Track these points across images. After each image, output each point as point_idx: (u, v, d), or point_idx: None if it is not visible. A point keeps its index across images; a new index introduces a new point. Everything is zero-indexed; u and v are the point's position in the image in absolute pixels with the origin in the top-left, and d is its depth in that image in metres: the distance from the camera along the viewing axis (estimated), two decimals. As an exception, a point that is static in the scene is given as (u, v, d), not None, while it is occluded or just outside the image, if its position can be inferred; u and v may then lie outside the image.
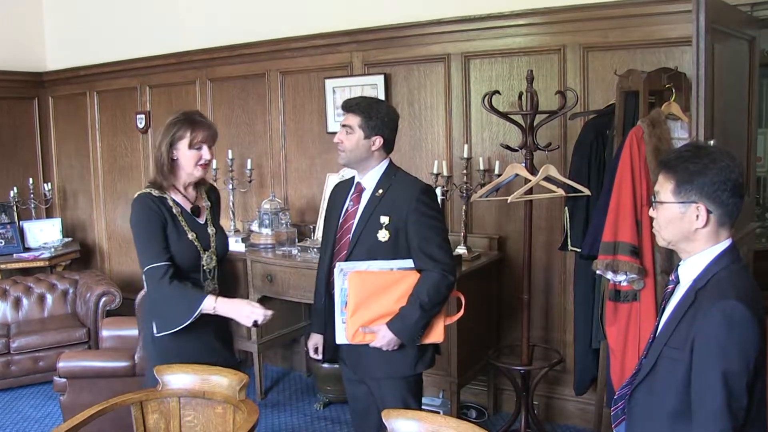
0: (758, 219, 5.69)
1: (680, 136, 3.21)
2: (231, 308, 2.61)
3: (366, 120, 2.69)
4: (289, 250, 4.46)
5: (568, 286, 4.02)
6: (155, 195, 2.66)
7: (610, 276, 3.08)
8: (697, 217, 1.80)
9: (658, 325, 1.96)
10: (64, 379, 3.94)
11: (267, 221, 4.66)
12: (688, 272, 1.88)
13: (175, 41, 5.57)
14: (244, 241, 4.62)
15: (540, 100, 3.60)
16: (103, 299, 5.04)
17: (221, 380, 2.60)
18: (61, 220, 6.38)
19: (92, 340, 4.98)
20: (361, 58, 4.72)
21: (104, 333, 4.31)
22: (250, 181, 5.11)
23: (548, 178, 3.47)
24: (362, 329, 2.63)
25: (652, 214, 1.93)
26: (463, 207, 4.15)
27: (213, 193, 2.91)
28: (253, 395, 4.55)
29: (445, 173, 4.18)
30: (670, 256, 3.20)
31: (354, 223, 2.73)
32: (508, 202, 3.49)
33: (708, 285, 1.79)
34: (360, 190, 2.78)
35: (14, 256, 5.81)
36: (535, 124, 3.59)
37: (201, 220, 2.77)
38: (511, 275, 4.24)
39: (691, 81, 2.82)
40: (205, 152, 2.68)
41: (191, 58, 5.50)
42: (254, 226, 4.71)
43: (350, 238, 2.71)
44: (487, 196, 3.70)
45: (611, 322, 3.15)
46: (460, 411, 4.04)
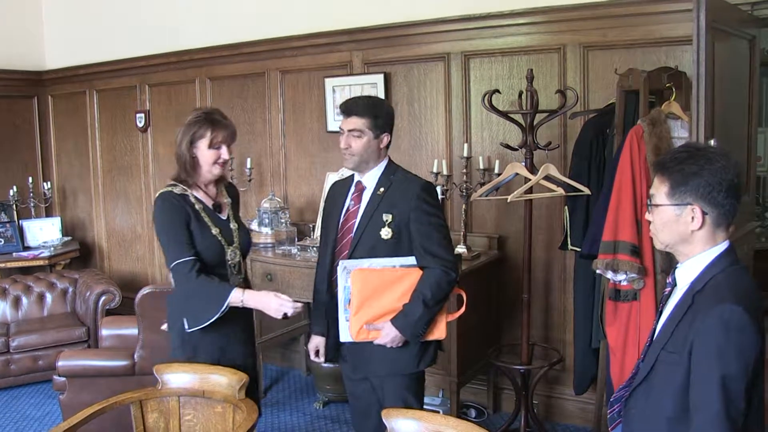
0: (758, 218, 5.68)
1: (680, 135, 3.21)
2: (259, 301, 2.60)
3: (374, 120, 2.69)
4: (289, 249, 4.46)
5: (568, 285, 4.02)
6: (177, 193, 2.68)
7: (610, 275, 3.08)
8: (693, 218, 1.79)
9: (655, 328, 1.95)
10: (64, 378, 3.93)
11: (266, 220, 4.66)
12: (686, 275, 1.87)
13: (174, 40, 5.56)
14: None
15: (540, 99, 3.60)
16: (103, 298, 5.04)
17: (221, 379, 2.60)
18: (61, 219, 6.39)
19: (92, 339, 4.98)
20: (361, 58, 4.71)
21: (104, 332, 4.31)
22: (249, 180, 5.11)
23: (548, 178, 3.46)
24: (366, 327, 2.63)
25: (648, 217, 1.92)
26: (463, 206, 4.14)
27: (232, 190, 2.94)
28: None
29: (445, 172, 4.17)
30: (671, 256, 3.19)
31: (356, 222, 2.72)
32: (508, 201, 3.49)
33: (706, 288, 1.78)
34: (361, 189, 2.77)
35: (14, 255, 5.81)
36: (535, 123, 3.59)
37: (223, 216, 2.79)
38: (511, 274, 4.24)
39: (692, 80, 2.81)
40: (224, 152, 2.71)
41: (191, 56, 5.49)
42: (254, 225, 4.70)
43: (352, 236, 2.71)
44: (486, 196, 3.70)
45: (611, 321, 3.15)
46: (460, 410, 4.03)
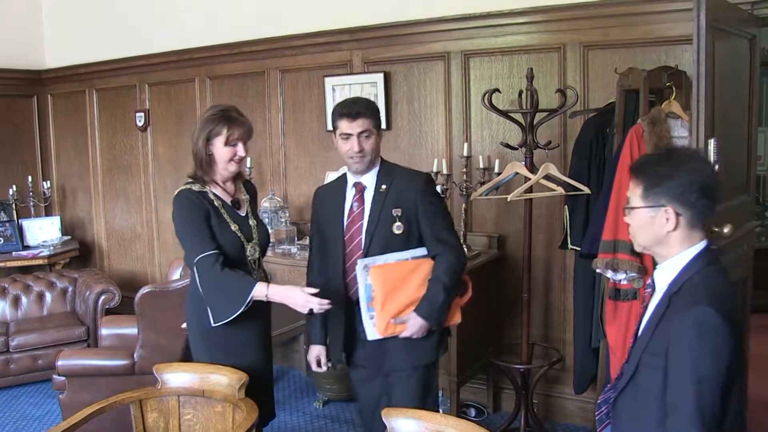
0: (758, 218, 5.69)
1: (680, 134, 3.21)
2: (284, 295, 2.57)
3: (377, 120, 2.73)
4: (289, 248, 4.45)
5: (568, 284, 4.02)
6: (196, 190, 2.68)
7: (610, 274, 3.07)
8: (667, 220, 1.81)
9: (638, 330, 1.97)
10: (63, 378, 3.93)
11: (266, 219, 4.65)
12: (663, 277, 1.89)
13: (174, 39, 5.55)
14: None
15: (540, 98, 3.59)
16: (102, 297, 5.04)
17: (220, 379, 2.60)
18: (60, 218, 6.38)
19: (91, 339, 4.98)
20: (360, 57, 4.71)
21: (103, 331, 4.31)
22: (249, 179, 5.10)
23: (548, 177, 3.46)
24: (393, 321, 2.66)
25: (626, 220, 1.94)
26: (463, 205, 4.14)
27: (249, 187, 2.95)
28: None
29: (445, 171, 4.17)
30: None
31: (364, 222, 2.72)
32: (508, 200, 3.49)
33: (682, 290, 1.80)
34: (361, 189, 2.77)
35: (13, 254, 5.80)
36: (535, 122, 3.59)
37: (242, 213, 2.80)
38: (511, 274, 4.24)
39: (692, 79, 2.81)
40: (240, 149, 2.70)
41: (191, 56, 5.49)
42: (253, 225, 4.69)
43: (363, 237, 2.71)
44: (486, 195, 3.70)
45: (611, 320, 3.15)
46: (460, 409, 4.03)
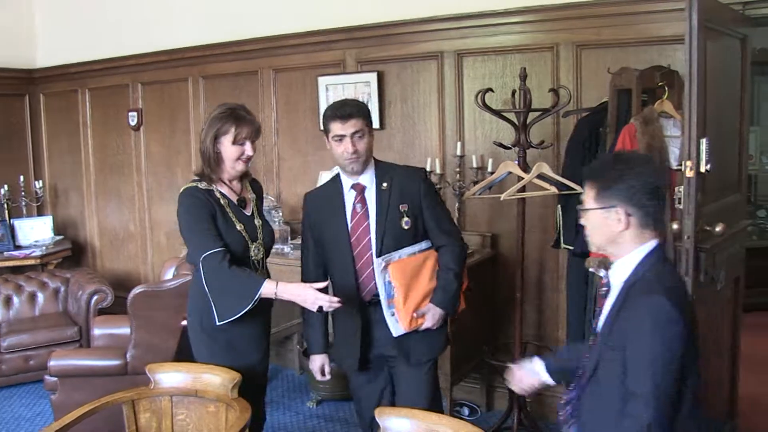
0: (750, 217, 5.71)
1: (673, 133, 3.22)
2: (294, 292, 2.55)
3: (368, 119, 2.73)
4: (281, 248, 4.45)
5: (561, 283, 4.02)
6: (202, 188, 2.67)
7: (602, 273, 3.07)
8: (619, 220, 1.90)
9: (595, 329, 2.04)
10: (55, 378, 3.92)
11: (260, 219, 4.64)
12: (619, 274, 1.97)
13: (167, 38, 5.54)
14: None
15: (533, 97, 3.60)
16: (95, 297, 5.02)
17: (213, 378, 2.59)
18: (53, 217, 6.35)
19: (84, 339, 4.96)
20: (354, 56, 4.71)
21: (96, 331, 4.29)
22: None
23: (541, 176, 3.47)
24: (415, 314, 2.70)
25: (581, 222, 2.03)
26: (456, 204, 4.14)
27: (255, 186, 2.94)
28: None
29: (438, 171, 4.18)
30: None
31: (371, 222, 2.73)
32: (501, 199, 3.49)
33: (637, 284, 1.89)
34: (361, 189, 2.77)
35: (5, 254, 5.77)
36: (528, 121, 3.59)
37: (247, 212, 2.78)
38: (504, 273, 4.24)
39: (684, 79, 2.82)
40: (248, 148, 2.69)
41: (184, 55, 5.48)
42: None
43: (373, 236, 2.72)
44: (480, 194, 3.70)
45: (604, 319, 3.15)
46: (453, 408, 4.04)
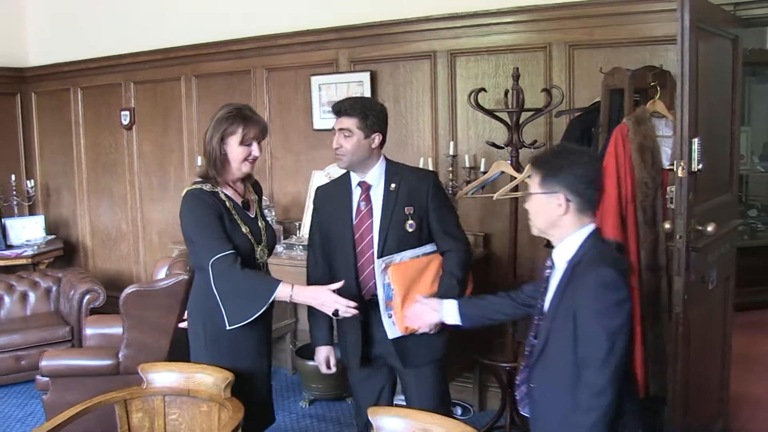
0: (741, 216, 5.74)
1: (665, 133, 3.23)
2: (311, 295, 2.54)
3: (363, 120, 2.69)
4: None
5: (554, 283, 4.03)
6: (207, 190, 2.61)
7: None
8: (559, 205, 2.05)
9: (542, 308, 2.16)
10: (47, 378, 3.90)
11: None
12: (562, 255, 2.10)
13: (160, 37, 5.52)
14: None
15: (526, 97, 3.61)
16: (87, 297, 5.00)
17: (206, 378, 2.59)
18: (44, 217, 6.32)
19: (75, 339, 4.94)
20: (347, 55, 4.71)
21: (88, 331, 4.28)
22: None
23: (534, 176, 3.47)
24: None
25: (525, 206, 2.18)
26: (449, 204, 4.14)
27: (256, 187, 2.89)
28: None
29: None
30: (654, 253, 3.22)
31: (374, 221, 2.74)
32: (494, 199, 3.49)
33: (582, 261, 2.03)
34: (367, 188, 2.77)
35: (-4, 253, 5.75)
36: (521, 121, 3.60)
37: (251, 214, 2.74)
38: (497, 272, 4.25)
39: (676, 79, 2.83)
40: (255, 149, 2.64)
41: (176, 54, 5.46)
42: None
43: (374, 235, 2.72)
44: (472, 194, 3.71)
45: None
46: (446, 408, 4.04)
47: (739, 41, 3.38)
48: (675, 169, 2.77)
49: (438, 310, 2.51)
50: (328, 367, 2.92)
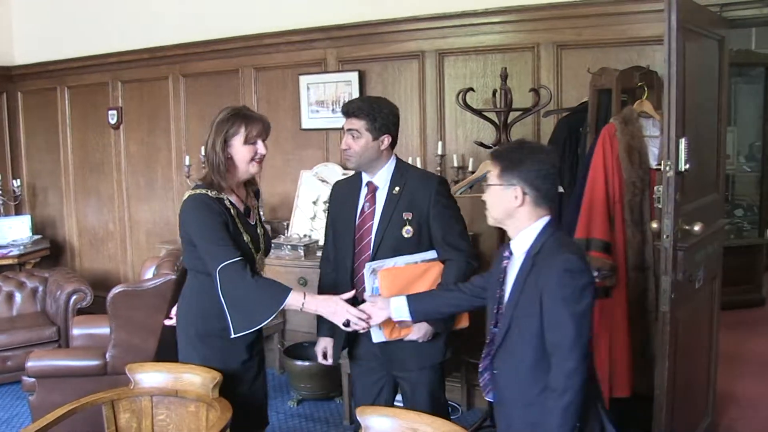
0: (728, 216, 5.78)
1: (652, 133, 3.25)
2: (323, 305, 2.51)
3: (371, 122, 2.67)
4: (263, 247, 4.43)
5: (542, 282, 4.04)
6: (212, 196, 2.52)
7: (594, 274, 3.10)
8: (516, 197, 2.13)
9: (501, 297, 2.23)
10: (33, 379, 3.87)
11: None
12: (521, 245, 2.18)
13: (147, 36, 5.50)
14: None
15: (514, 97, 3.62)
16: (74, 297, 4.96)
17: (194, 378, 2.57)
18: (31, 216, 6.27)
19: (62, 339, 4.90)
20: (335, 55, 4.71)
21: (75, 331, 4.25)
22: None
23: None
24: (398, 325, 2.64)
25: (483, 197, 2.25)
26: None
27: (257, 194, 2.84)
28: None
29: (420, 170, 4.17)
30: (642, 253, 3.24)
31: (374, 223, 2.72)
32: (482, 198, 3.49)
33: (543, 250, 2.10)
34: (373, 189, 2.76)
35: (-18, 253, 5.71)
36: (509, 121, 3.61)
37: (251, 221, 2.67)
38: (485, 271, 4.24)
39: (663, 79, 2.85)
40: (261, 147, 2.57)
41: (164, 53, 5.44)
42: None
43: (372, 238, 2.71)
44: (460, 193, 3.71)
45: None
46: (435, 407, 4.04)
47: (726, 42, 3.40)
48: (662, 169, 2.78)
49: (385, 308, 2.50)
50: (325, 358, 2.90)
